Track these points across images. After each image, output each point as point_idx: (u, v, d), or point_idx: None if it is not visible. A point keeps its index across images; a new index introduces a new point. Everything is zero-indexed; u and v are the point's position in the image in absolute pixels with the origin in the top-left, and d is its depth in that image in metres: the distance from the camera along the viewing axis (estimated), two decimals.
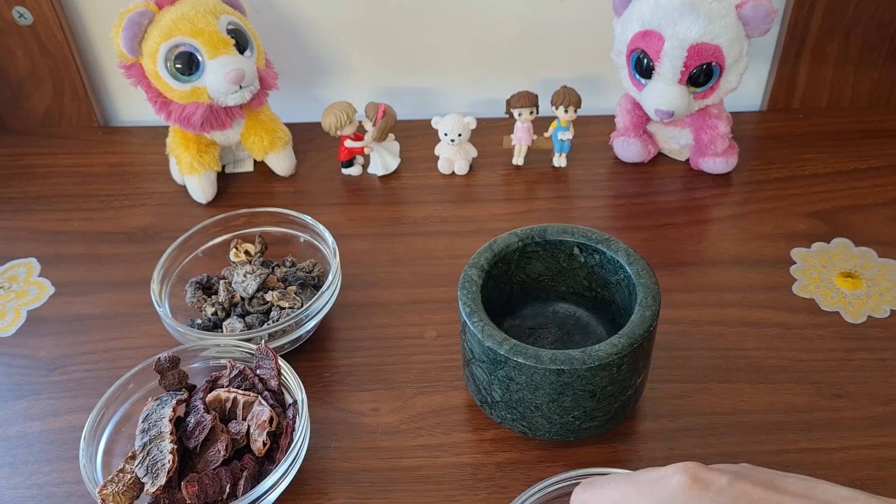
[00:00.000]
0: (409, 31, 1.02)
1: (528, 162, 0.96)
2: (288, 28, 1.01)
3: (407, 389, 0.71)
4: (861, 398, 0.69)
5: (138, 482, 0.59)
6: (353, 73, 1.05)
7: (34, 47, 0.99)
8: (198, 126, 0.89)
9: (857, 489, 0.39)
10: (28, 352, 0.77)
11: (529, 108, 0.91)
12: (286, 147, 0.96)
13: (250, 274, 0.75)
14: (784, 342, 0.74)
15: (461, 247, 0.84)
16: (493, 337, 0.60)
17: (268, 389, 0.65)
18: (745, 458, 0.64)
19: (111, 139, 1.05)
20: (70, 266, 0.86)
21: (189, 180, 0.93)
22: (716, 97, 0.88)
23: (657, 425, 0.67)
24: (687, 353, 0.73)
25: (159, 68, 0.86)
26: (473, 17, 1.00)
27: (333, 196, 0.94)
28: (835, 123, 1.01)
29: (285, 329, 0.71)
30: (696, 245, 0.85)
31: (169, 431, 0.61)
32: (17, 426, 0.70)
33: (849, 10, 0.95)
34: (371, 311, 0.79)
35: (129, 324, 0.79)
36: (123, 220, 0.92)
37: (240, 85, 0.87)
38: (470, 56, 1.03)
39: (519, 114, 0.92)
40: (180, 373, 0.66)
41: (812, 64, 1.00)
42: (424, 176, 0.96)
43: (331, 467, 0.66)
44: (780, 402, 0.69)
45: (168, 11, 0.86)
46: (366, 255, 0.85)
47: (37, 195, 0.96)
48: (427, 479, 0.64)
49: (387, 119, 0.93)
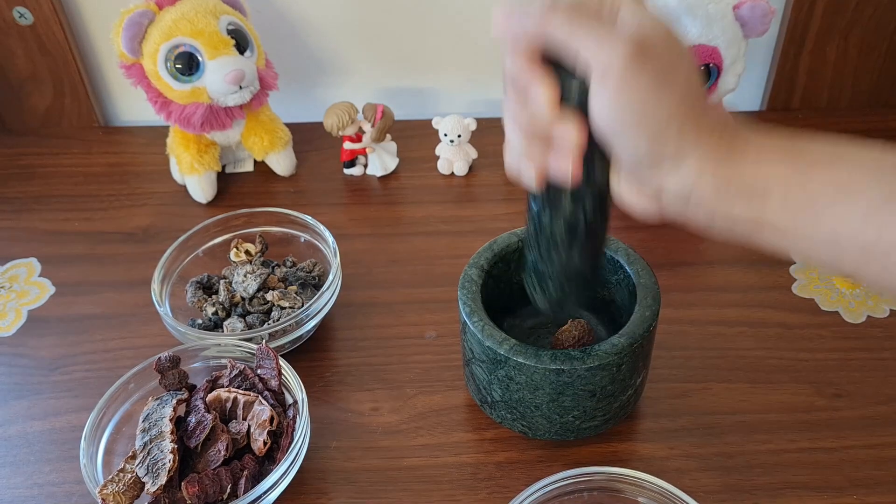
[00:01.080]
0: (410, 32, 1.02)
1: None
2: (288, 28, 1.01)
3: (407, 389, 0.71)
4: (860, 398, 0.69)
5: (139, 482, 0.59)
6: (353, 73, 1.05)
7: (35, 47, 0.99)
8: (198, 126, 0.89)
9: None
10: (29, 352, 0.77)
11: None
12: (286, 147, 0.96)
13: (250, 274, 0.75)
14: (783, 342, 0.74)
15: (461, 247, 0.84)
16: (493, 336, 0.60)
17: (268, 389, 0.65)
18: (745, 458, 0.64)
19: (111, 139, 1.05)
20: (70, 266, 0.86)
21: (189, 180, 0.93)
22: (714, 98, 0.88)
23: (657, 425, 0.68)
24: (687, 352, 0.73)
25: (159, 68, 0.87)
26: (473, 18, 1.00)
27: (333, 196, 0.94)
28: (834, 123, 1.01)
29: (286, 329, 0.71)
30: (696, 245, 0.85)
31: (169, 431, 0.61)
32: (17, 426, 0.71)
33: (848, 11, 0.95)
34: (371, 310, 0.79)
35: (129, 324, 0.79)
36: (124, 220, 0.92)
37: (240, 85, 0.87)
38: (469, 56, 1.03)
39: None
40: (180, 372, 0.67)
41: (811, 64, 1.00)
42: (424, 176, 0.96)
43: (331, 467, 0.66)
44: (779, 401, 0.69)
45: (168, 12, 0.86)
46: (366, 255, 0.85)
47: (37, 195, 0.96)
48: (427, 479, 0.64)
49: (385, 120, 0.93)
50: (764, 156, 0.42)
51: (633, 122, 0.42)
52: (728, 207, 0.43)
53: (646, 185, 0.45)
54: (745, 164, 0.42)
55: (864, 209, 0.39)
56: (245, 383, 0.65)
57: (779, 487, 0.63)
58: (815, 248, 0.42)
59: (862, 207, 0.39)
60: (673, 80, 0.42)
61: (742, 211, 0.43)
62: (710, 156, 0.43)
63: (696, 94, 0.43)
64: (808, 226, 0.41)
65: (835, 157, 0.41)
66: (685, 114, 0.42)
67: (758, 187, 0.42)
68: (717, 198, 0.43)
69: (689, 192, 0.43)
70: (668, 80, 0.42)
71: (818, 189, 0.41)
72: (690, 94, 0.43)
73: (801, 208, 0.41)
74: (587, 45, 0.41)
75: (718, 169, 0.42)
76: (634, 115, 0.42)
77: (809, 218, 0.41)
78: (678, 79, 0.42)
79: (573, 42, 0.42)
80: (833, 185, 0.40)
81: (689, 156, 0.43)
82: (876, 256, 0.40)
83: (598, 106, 0.42)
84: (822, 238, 0.41)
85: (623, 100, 0.42)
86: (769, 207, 0.42)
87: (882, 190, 0.39)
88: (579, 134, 0.44)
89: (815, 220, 0.41)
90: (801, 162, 0.42)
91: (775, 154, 0.42)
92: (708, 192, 0.43)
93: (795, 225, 0.41)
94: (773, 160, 0.42)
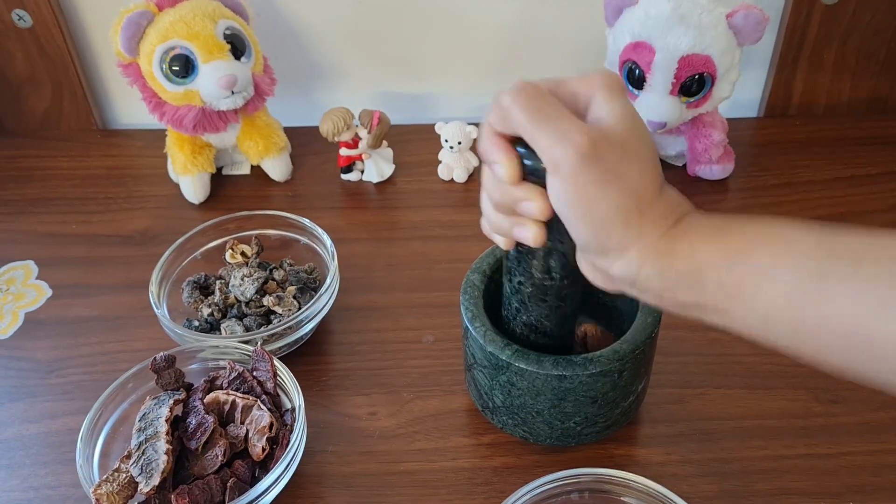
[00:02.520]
0: (408, 37, 1.02)
1: None
2: (287, 32, 1.01)
3: (404, 393, 0.71)
4: (857, 404, 0.69)
5: (133, 482, 0.59)
6: (352, 77, 1.05)
7: (33, 50, 0.99)
8: (189, 128, 0.89)
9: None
10: (25, 354, 0.77)
11: None
12: (281, 153, 0.96)
13: (248, 277, 0.75)
14: None
15: (459, 251, 0.84)
16: (494, 342, 0.60)
17: (265, 393, 0.65)
18: (742, 464, 0.65)
19: (109, 142, 1.05)
20: (68, 268, 0.86)
21: (182, 180, 0.93)
22: (709, 105, 0.88)
23: (654, 430, 0.67)
24: (684, 358, 0.73)
25: (154, 69, 0.87)
26: (473, 23, 1.00)
27: (331, 200, 0.94)
28: (832, 130, 1.01)
29: (283, 332, 0.71)
30: None
31: (164, 431, 0.61)
32: (13, 428, 0.70)
33: (846, 17, 0.95)
34: (369, 314, 0.79)
35: (126, 326, 0.79)
36: (121, 222, 0.92)
37: (232, 90, 0.87)
38: (468, 62, 1.04)
39: None
40: (177, 372, 0.66)
41: (809, 70, 1.00)
42: (422, 181, 0.96)
43: (328, 471, 0.66)
44: (776, 407, 0.69)
45: (167, 13, 0.87)
46: (364, 259, 0.85)
47: (35, 197, 0.96)
48: (424, 484, 0.64)
49: (381, 126, 0.93)
50: (698, 243, 0.45)
51: (579, 215, 0.45)
52: (671, 293, 0.46)
53: (597, 266, 0.48)
54: (681, 253, 0.45)
55: (785, 290, 0.41)
56: (243, 386, 0.65)
57: (776, 494, 0.63)
58: (753, 328, 0.44)
59: (783, 288, 0.41)
60: (623, 176, 0.45)
61: (684, 296, 0.45)
62: (650, 248, 0.45)
63: (648, 187, 0.46)
64: (742, 307, 0.43)
65: (764, 238, 0.43)
66: (631, 209, 0.45)
67: (693, 274, 0.44)
68: (660, 284, 0.46)
69: (634, 278, 0.46)
70: (617, 177, 0.44)
71: (745, 273, 0.43)
72: (641, 188, 0.45)
73: (734, 292, 0.43)
74: (543, 140, 0.45)
75: (658, 260, 0.45)
76: (580, 209, 0.45)
77: (742, 300, 0.43)
78: (630, 173, 0.45)
79: (532, 133, 0.45)
80: (758, 268, 0.42)
81: (631, 247, 0.45)
82: (805, 335, 0.41)
83: (552, 193, 0.46)
84: (756, 319, 0.43)
85: (570, 194, 0.45)
86: (706, 292, 0.44)
87: (802, 270, 0.41)
88: (541, 207, 0.47)
89: (747, 302, 0.43)
90: (731, 247, 0.44)
91: (709, 239, 0.45)
92: (651, 279, 0.46)
93: (732, 307, 0.44)
94: (706, 247, 0.44)
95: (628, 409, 0.64)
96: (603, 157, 0.44)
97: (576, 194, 0.45)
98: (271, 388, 0.65)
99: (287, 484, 0.61)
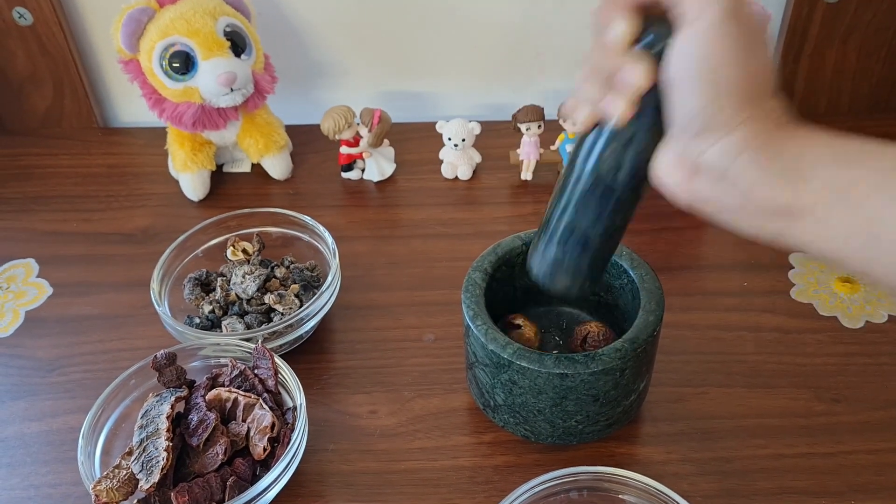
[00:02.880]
0: (409, 35, 1.02)
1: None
2: (289, 30, 1.01)
3: (405, 392, 0.71)
4: (859, 403, 0.69)
5: (133, 479, 0.59)
6: (353, 75, 1.05)
7: (34, 48, 0.99)
8: (189, 125, 0.89)
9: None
10: (26, 352, 0.77)
11: (537, 122, 0.90)
12: (281, 151, 0.96)
13: (249, 275, 0.75)
14: (782, 346, 0.74)
15: (460, 249, 0.84)
16: (496, 340, 0.60)
17: (267, 391, 0.65)
18: (743, 463, 0.64)
19: (111, 140, 1.05)
20: (69, 266, 0.86)
21: (182, 177, 0.93)
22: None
23: (655, 429, 0.67)
24: (685, 357, 0.73)
25: (154, 66, 0.87)
26: (473, 22, 1.00)
27: (332, 198, 0.94)
28: (833, 128, 1.00)
29: (284, 330, 0.71)
30: (695, 249, 0.85)
31: (165, 429, 0.60)
32: (14, 427, 0.70)
33: (847, 16, 0.95)
34: (370, 312, 0.79)
35: (127, 324, 0.79)
36: (122, 220, 0.92)
37: (231, 87, 0.87)
38: (470, 60, 1.03)
39: (527, 128, 0.90)
40: (178, 368, 0.66)
41: (810, 68, 1.00)
42: (423, 179, 0.96)
43: (328, 469, 0.66)
44: (777, 406, 0.69)
45: (168, 10, 0.87)
46: (365, 258, 0.85)
47: (36, 195, 0.96)
48: (424, 482, 0.64)
49: (382, 125, 0.92)
50: (811, 140, 0.43)
51: (703, 74, 0.43)
52: (764, 190, 0.43)
53: (686, 155, 0.45)
54: (790, 144, 0.43)
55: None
56: (245, 384, 0.65)
57: (777, 493, 0.63)
58: (838, 241, 0.42)
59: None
60: (753, 54, 0.43)
61: (778, 193, 0.42)
62: (758, 133, 0.43)
63: (766, 79, 0.44)
64: (842, 213, 0.41)
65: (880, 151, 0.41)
66: (750, 89, 0.43)
67: (801, 169, 0.42)
68: (756, 176, 0.43)
69: (727, 167, 0.43)
70: (749, 51, 0.43)
71: (862, 176, 0.41)
72: (762, 75, 0.44)
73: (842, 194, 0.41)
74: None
75: (763, 148, 0.43)
76: (706, 70, 0.43)
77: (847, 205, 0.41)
78: (757, 55, 0.43)
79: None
80: (876, 173, 0.40)
81: (737, 130, 0.43)
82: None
83: (679, 49, 0.43)
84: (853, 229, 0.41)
85: (705, 48, 0.42)
86: (810, 190, 0.42)
87: None
88: (644, 77, 0.45)
89: (851, 208, 0.41)
90: (849, 149, 0.42)
91: (821, 141, 0.43)
92: (748, 169, 0.43)
93: (831, 212, 0.41)
94: (819, 145, 0.43)
95: (630, 408, 0.64)
96: (742, 26, 0.42)
97: (711, 49, 0.42)
98: (272, 385, 0.65)
99: (287, 482, 0.61)
